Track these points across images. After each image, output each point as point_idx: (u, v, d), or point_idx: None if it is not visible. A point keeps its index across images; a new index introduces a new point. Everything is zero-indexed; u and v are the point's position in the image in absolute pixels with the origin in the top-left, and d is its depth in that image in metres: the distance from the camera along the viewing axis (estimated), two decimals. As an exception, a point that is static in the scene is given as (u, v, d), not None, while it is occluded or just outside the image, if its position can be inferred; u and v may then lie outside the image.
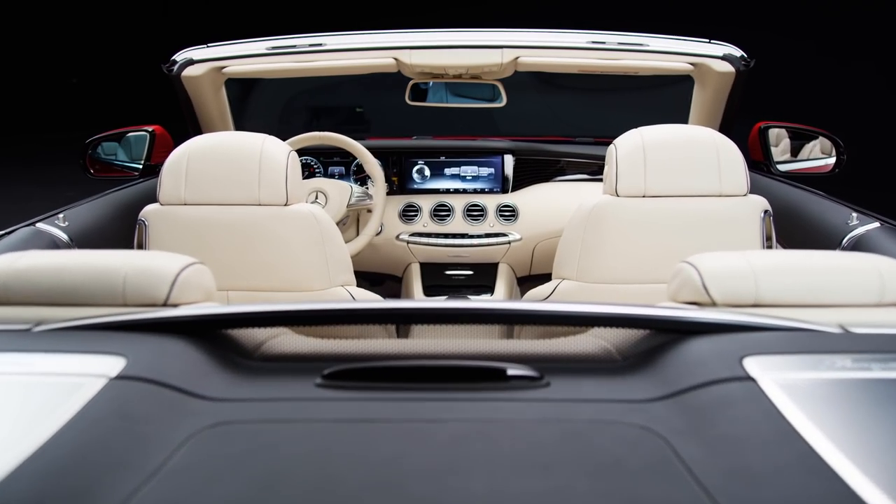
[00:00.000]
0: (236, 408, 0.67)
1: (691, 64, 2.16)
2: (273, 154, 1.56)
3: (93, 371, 0.69)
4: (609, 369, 0.76)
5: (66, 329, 0.82)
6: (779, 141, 2.76)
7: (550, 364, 0.76)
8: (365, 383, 0.71)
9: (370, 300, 1.71)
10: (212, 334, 0.80)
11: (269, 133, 3.20)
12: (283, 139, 2.43)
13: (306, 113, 3.64)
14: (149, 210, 1.57)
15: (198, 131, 2.50)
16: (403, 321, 0.83)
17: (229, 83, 2.55)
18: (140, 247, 1.59)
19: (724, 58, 2.09)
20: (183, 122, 2.45)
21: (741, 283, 0.85)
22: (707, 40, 2.13)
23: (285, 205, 1.55)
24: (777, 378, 0.67)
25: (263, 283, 1.57)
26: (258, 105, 3.38)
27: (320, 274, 1.59)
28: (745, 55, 2.11)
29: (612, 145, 1.64)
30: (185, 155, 1.56)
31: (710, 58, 2.09)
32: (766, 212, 1.58)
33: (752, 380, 0.67)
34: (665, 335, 0.79)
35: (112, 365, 0.70)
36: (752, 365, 0.69)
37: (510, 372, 0.71)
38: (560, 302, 0.79)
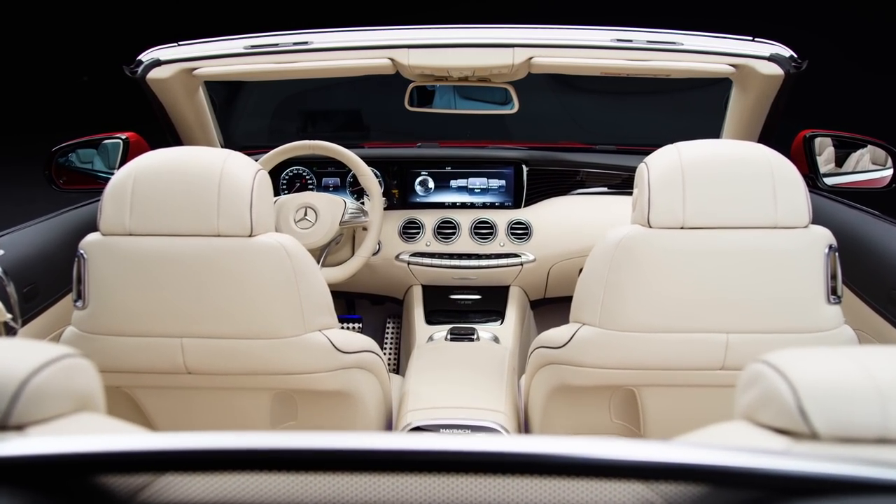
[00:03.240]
0: None
1: (732, 65, 1.87)
2: (236, 175, 1.30)
3: None
4: None
5: None
6: (822, 150, 2.47)
7: None
8: None
9: (352, 344, 1.44)
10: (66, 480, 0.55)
11: (260, 139, 2.93)
12: (274, 146, 2.20)
13: (300, 117, 3.39)
14: (89, 241, 1.32)
15: (177, 140, 2.26)
16: (371, 469, 0.56)
17: (215, 84, 2.30)
18: (79, 284, 1.34)
19: (772, 58, 1.80)
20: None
21: (860, 407, 0.57)
22: (750, 38, 1.85)
23: (250, 236, 1.30)
24: None
25: (224, 329, 1.32)
26: (247, 108, 3.12)
27: (293, 317, 1.33)
28: (796, 55, 1.82)
29: (642, 165, 1.36)
30: (131, 176, 1.30)
31: (754, 58, 1.81)
32: (830, 246, 1.30)
33: None
34: (746, 489, 0.52)
35: None
36: None
37: None
38: (590, 439, 0.51)
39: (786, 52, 1.82)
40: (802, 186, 1.30)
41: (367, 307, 2.77)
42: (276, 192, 2.44)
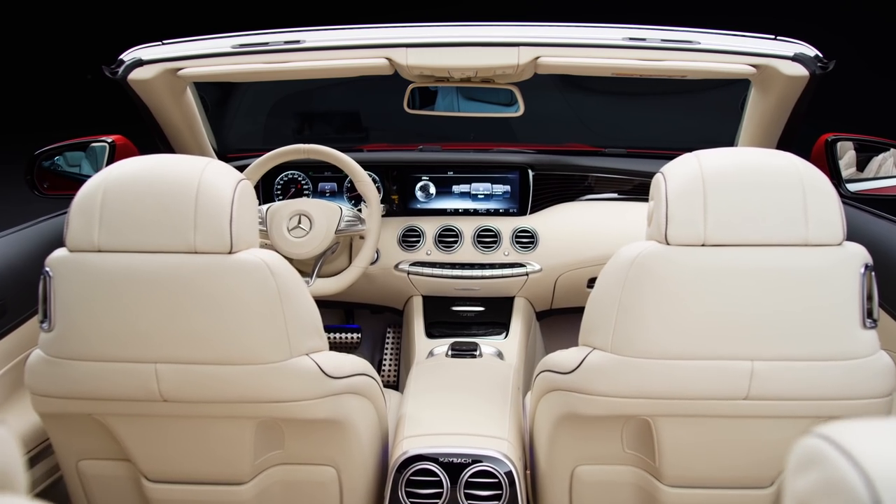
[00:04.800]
0: None
1: (752, 65, 1.76)
2: (215, 185, 1.19)
3: None
4: None
5: None
6: (842, 154, 2.35)
7: None
8: None
9: (343, 368, 1.33)
10: None
11: (255, 141, 2.80)
12: (270, 149, 2.09)
13: (297, 118, 3.27)
14: (55, 258, 1.22)
15: (166, 144, 2.16)
16: None
17: (207, 84, 2.20)
18: (45, 303, 1.23)
19: (796, 58, 1.69)
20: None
21: None
22: (772, 36, 1.73)
23: (230, 252, 1.19)
24: None
25: (202, 354, 1.21)
26: (241, 109, 3.01)
27: (277, 341, 1.22)
28: (821, 55, 1.70)
29: (658, 175, 1.25)
30: (100, 188, 1.20)
31: (777, 58, 1.69)
32: (866, 265, 1.19)
33: None
34: None
35: None
36: None
37: None
38: None
39: (811, 51, 1.71)
40: (836, 199, 1.18)
41: (367, 316, 2.67)
42: (270, 199, 2.34)
